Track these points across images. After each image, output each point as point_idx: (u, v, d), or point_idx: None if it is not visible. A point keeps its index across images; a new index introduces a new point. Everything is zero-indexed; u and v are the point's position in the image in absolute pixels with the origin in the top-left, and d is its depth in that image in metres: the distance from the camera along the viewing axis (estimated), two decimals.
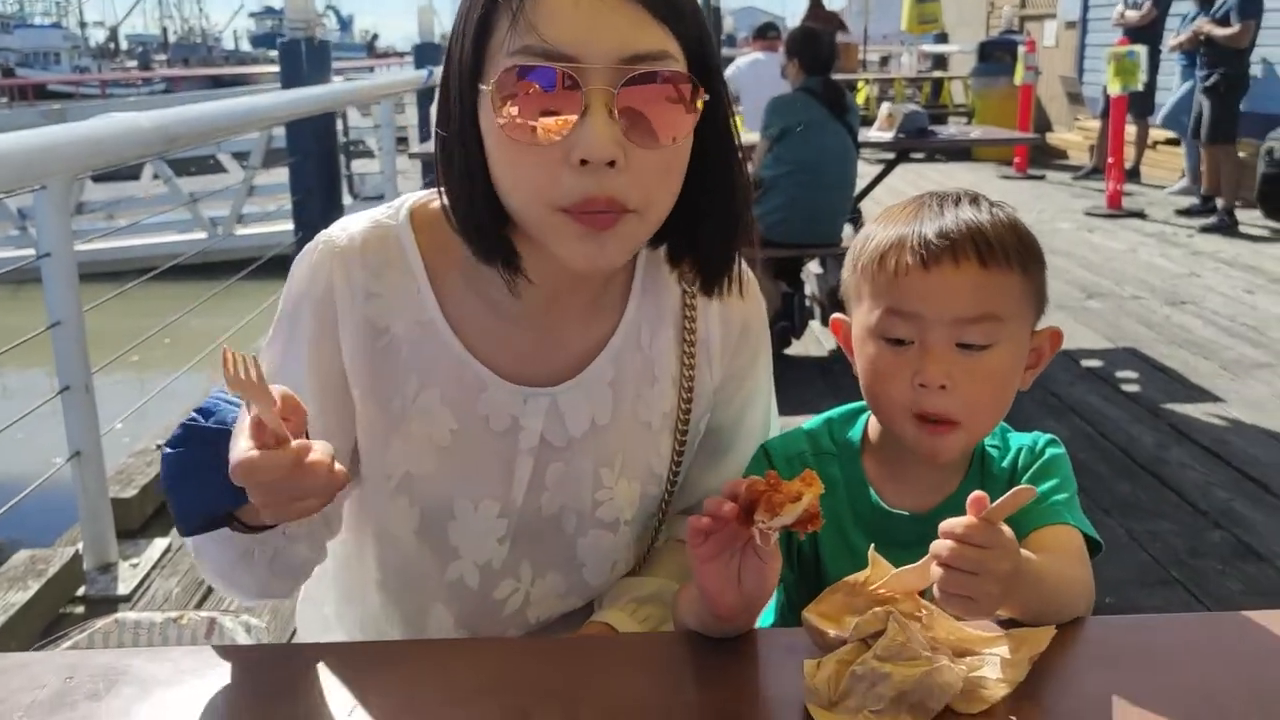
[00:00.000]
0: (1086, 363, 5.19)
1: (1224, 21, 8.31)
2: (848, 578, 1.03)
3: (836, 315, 1.23)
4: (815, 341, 5.44)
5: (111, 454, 3.50)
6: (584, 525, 1.21)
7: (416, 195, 1.18)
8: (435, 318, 1.14)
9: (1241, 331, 5.69)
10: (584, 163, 0.96)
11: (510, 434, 1.16)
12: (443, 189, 1.08)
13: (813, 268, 5.59)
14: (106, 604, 2.99)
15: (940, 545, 0.94)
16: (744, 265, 1.22)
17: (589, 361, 1.18)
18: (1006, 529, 0.94)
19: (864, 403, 1.23)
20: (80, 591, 3.03)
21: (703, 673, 0.98)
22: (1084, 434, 4.27)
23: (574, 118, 0.96)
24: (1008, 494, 0.94)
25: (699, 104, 1.01)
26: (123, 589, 3.05)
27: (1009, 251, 1.11)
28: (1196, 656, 0.98)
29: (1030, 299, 1.15)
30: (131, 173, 10.56)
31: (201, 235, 8.97)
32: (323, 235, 1.14)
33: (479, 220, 1.05)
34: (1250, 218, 8.80)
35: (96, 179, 9.61)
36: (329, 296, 1.11)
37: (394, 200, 1.19)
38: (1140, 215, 9.08)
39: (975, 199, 1.16)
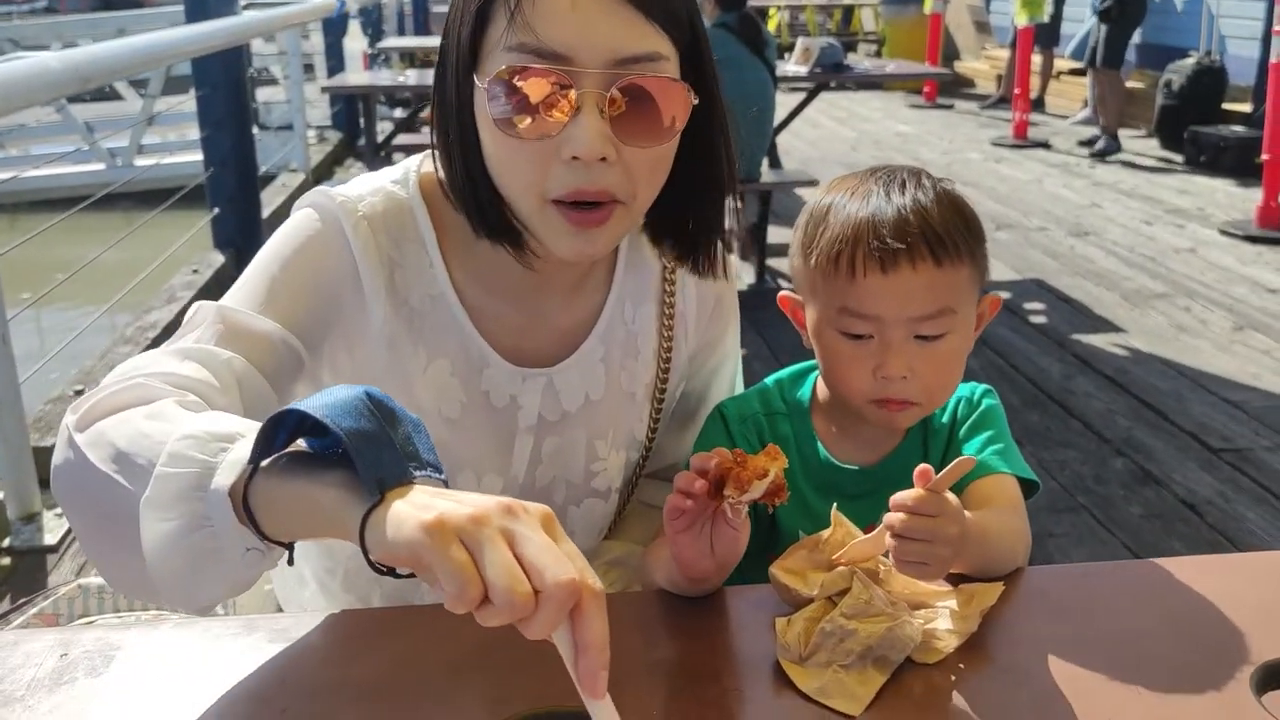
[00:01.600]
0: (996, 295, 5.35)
1: None
2: (811, 536, 1.09)
3: (784, 292, 1.27)
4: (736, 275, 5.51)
5: (28, 400, 3.44)
6: (576, 495, 1.26)
7: (420, 163, 1.18)
8: (446, 291, 1.16)
9: (1140, 262, 5.92)
10: (575, 158, 0.99)
11: (509, 411, 1.19)
12: (441, 169, 1.11)
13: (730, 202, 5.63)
14: (33, 554, 2.96)
15: (893, 517, 1.00)
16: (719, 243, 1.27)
17: (578, 338, 1.22)
18: (952, 496, 1.02)
19: (811, 363, 1.29)
20: (5, 543, 2.99)
21: (677, 630, 1.04)
22: (995, 366, 4.43)
23: (566, 116, 0.99)
24: (950, 465, 1.00)
25: (690, 103, 1.04)
26: (49, 539, 3.02)
27: (959, 242, 1.15)
28: (1129, 603, 1.07)
29: (976, 279, 1.20)
30: None
31: (100, 166, 8.67)
32: (333, 195, 1.12)
33: (480, 200, 1.08)
34: (1148, 147, 9.08)
35: None
36: (362, 256, 1.10)
37: (395, 168, 1.19)
38: (1045, 145, 9.30)
39: (919, 179, 1.19)
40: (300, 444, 0.82)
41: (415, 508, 0.72)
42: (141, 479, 0.83)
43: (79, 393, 3.77)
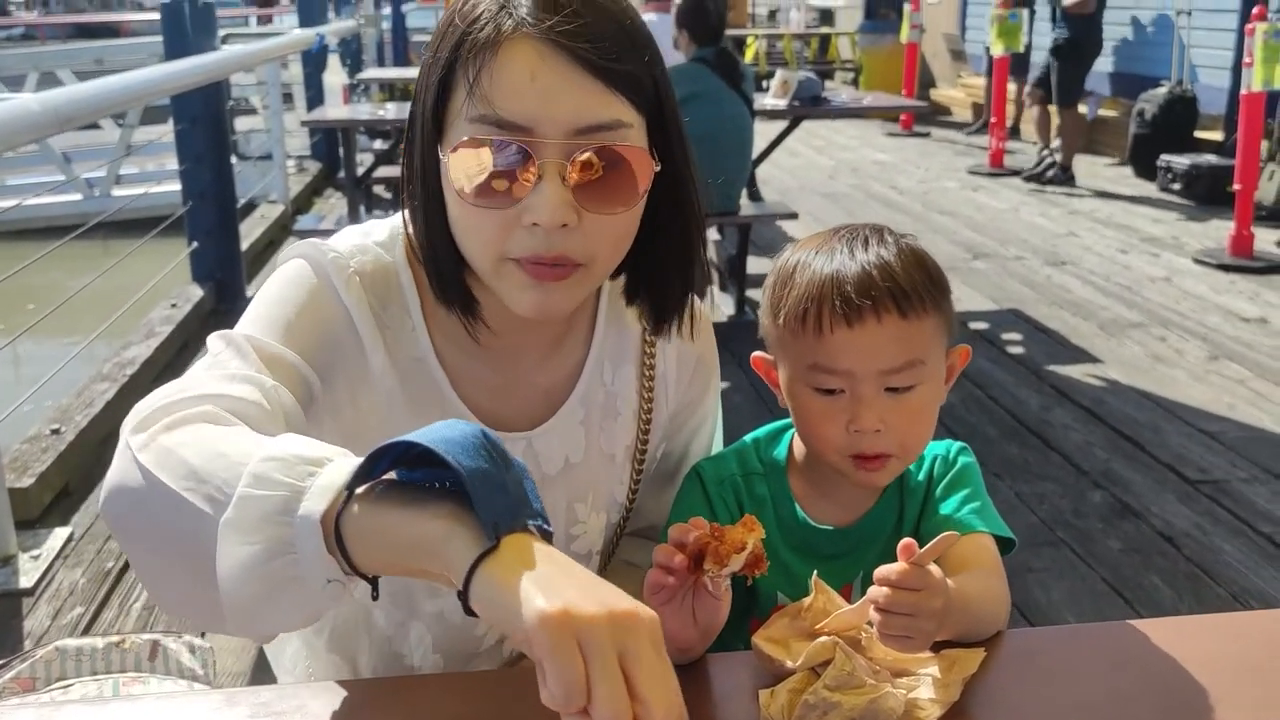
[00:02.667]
0: (974, 324, 5.40)
1: None
2: (793, 604, 1.10)
3: (756, 354, 1.28)
4: (714, 309, 5.53)
5: (1, 438, 3.41)
6: None
7: (401, 223, 1.18)
8: (427, 355, 1.16)
9: (1116, 291, 5.97)
10: (536, 225, 1.00)
11: None
12: (409, 232, 1.12)
13: (711, 234, 5.67)
14: (9, 599, 2.93)
15: (876, 592, 1.01)
16: (697, 304, 1.28)
17: (557, 399, 1.22)
18: (935, 568, 1.02)
19: (787, 420, 1.30)
20: None
21: None
22: (974, 397, 4.46)
23: (529, 185, 0.99)
24: (934, 541, 1.01)
25: (653, 170, 1.04)
26: (25, 582, 2.99)
27: (924, 295, 1.17)
28: (1113, 667, 1.07)
29: (943, 330, 1.22)
30: None
31: (76, 197, 8.63)
32: (323, 249, 1.11)
33: (440, 264, 1.09)
34: (1121, 175, 9.18)
35: None
36: (357, 312, 1.10)
37: (382, 226, 1.19)
38: (1020, 173, 9.38)
39: (882, 235, 1.21)
40: (392, 475, 0.81)
41: (538, 586, 0.73)
42: (218, 500, 0.81)
43: (56, 431, 3.74)
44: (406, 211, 1.12)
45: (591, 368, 1.24)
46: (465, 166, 1.00)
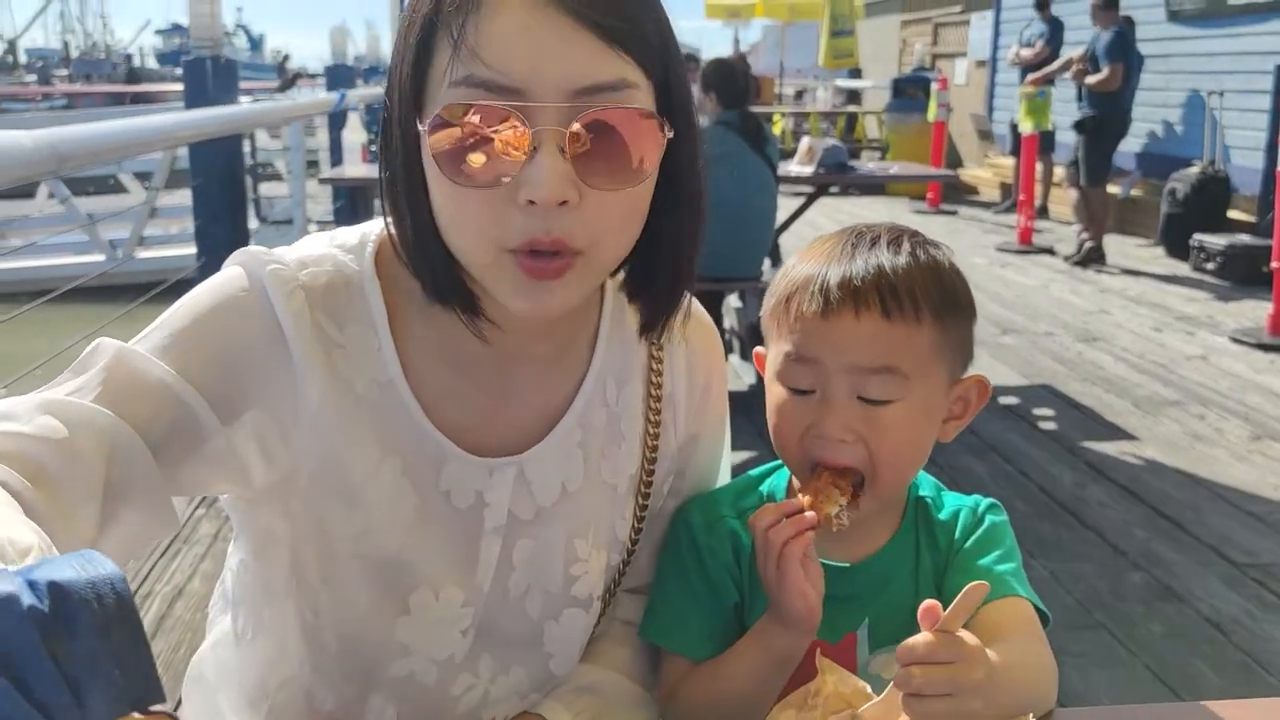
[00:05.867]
0: (1004, 399, 5.21)
1: (1095, 65, 8.44)
2: (799, 690, 0.94)
3: (759, 349, 1.16)
4: (735, 376, 5.38)
5: None
6: (555, 607, 1.08)
7: (379, 230, 1.03)
8: (396, 378, 1.00)
9: (1151, 369, 5.79)
10: (532, 203, 0.86)
11: (474, 511, 1.03)
12: (390, 224, 0.97)
13: (732, 301, 5.54)
14: None
15: (904, 674, 0.85)
16: (706, 319, 1.16)
17: (552, 420, 1.07)
18: (968, 635, 0.86)
19: None
20: None
21: None
22: (1004, 473, 4.26)
23: (521, 157, 0.85)
24: (959, 596, 0.85)
25: (663, 140, 0.91)
26: None
27: (919, 302, 1.04)
28: None
29: (944, 352, 1.07)
30: (26, 191, 10.15)
31: (100, 258, 8.63)
32: (264, 258, 0.97)
33: (430, 259, 0.94)
34: (1153, 255, 9.04)
35: None
36: (294, 330, 0.95)
37: (353, 231, 1.05)
38: (1050, 251, 9.26)
39: (899, 238, 1.09)
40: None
41: None
42: None
43: None
44: (388, 203, 0.96)
45: (592, 385, 1.08)
46: (448, 139, 0.86)
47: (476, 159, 0.86)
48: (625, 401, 1.11)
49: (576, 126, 0.85)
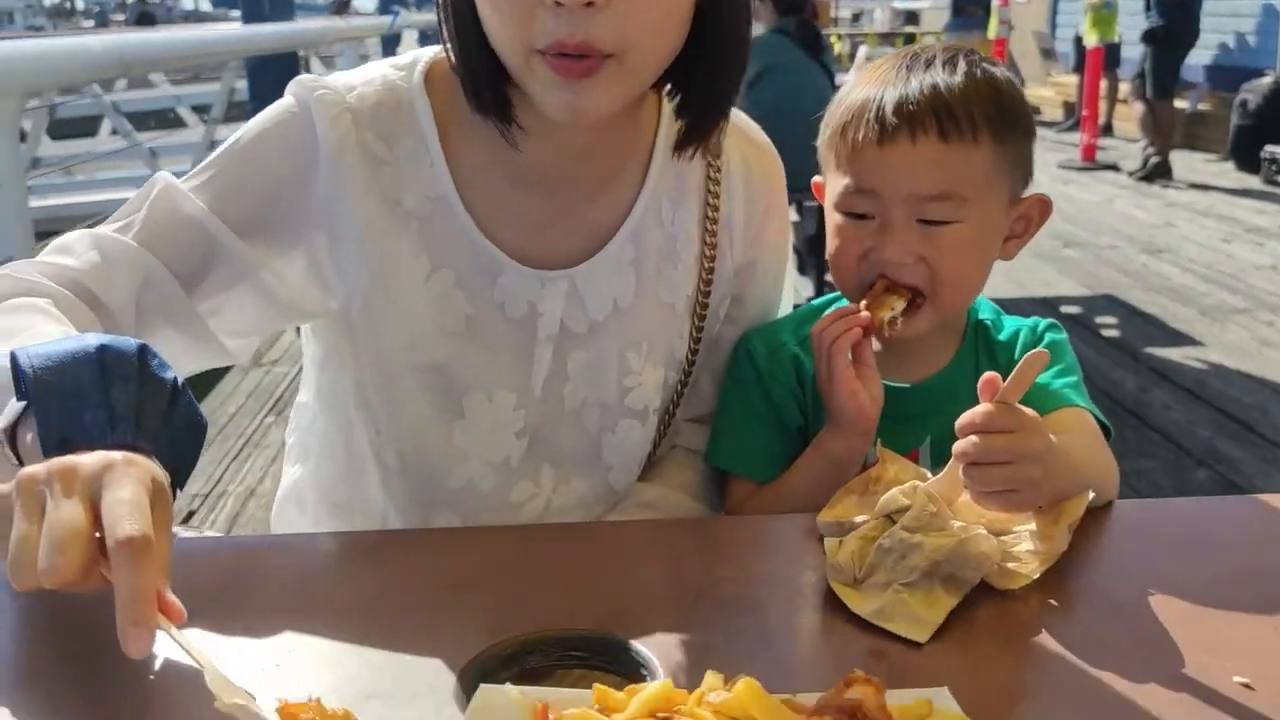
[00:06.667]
0: (1066, 309, 5.14)
1: None
2: (859, 476, 0.96)
3: (816, 178, 1.16)
4: (792, 290, 5.36)
5: None
6: (610, 418, 1.12)
7: (432, 51, 1.07)
8: (448, 193, 1.03)
9: (1219, 279, 5.66)
10: (559, 3, 0.86)
11: (528, 321, 1.07)
12: (444, 34, 0.99)
13: (789, 214, 5.50)
14: None
15: (963, 444, 0.86)
16: (768, 144, 1.17)
17: (606, 238, 1.09)
18: (1026, 408, 0.87)
19: None
20: None
21: (715, 558, 0.89)
22: None
23: None
24: (1019, 365, 0.86)
25: None
26: None
27: (976, 122, 1.03)
28: (1239, 538, 0.91)
29: (1004, 171, 1.07)
30: (88, 129, 10.30)
31: None
32: (312, 85, 1.02)
33: (473, 67, 0.96)
34: (1223, 170, 8.80)
35: (54, 135, 9.36)
36: (336, 153, 1.00)
37: (406, 54, 1.08)
38: (1114, 168, 9.04)
39: (955, 58, 1.08)
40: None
41: None
42: None
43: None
44: (441, 12, 0.99)
45: (645, 204, 1.10)
46: None
47: None
48: (681, 222, 1.12)
49: None
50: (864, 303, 1.05)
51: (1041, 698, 0.71)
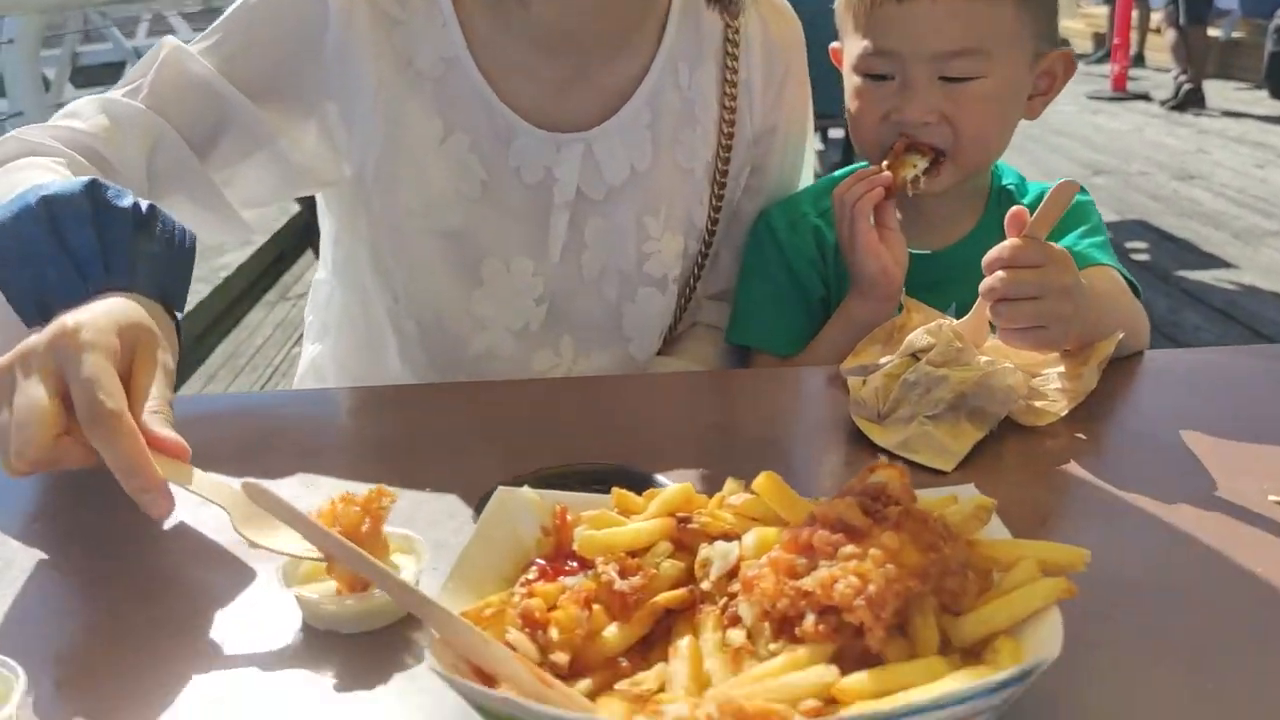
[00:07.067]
0: None
1: None
2: (883, 324, 0.94)
3: (834, 44, 1.13)
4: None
5: None
6: (630, 287, 1.11)
7: None
8: (461, 55, 1.02)
9: (1251, 203, 5.56)
10: None
11: (543, 187, 1.05)
12: None
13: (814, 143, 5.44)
14: None
15: (990, 280, 0.84)
16: (789, 10, 1.15)
17: (622, 101, 1.07)
18: (1054, 245, 0.85)
19: None
20: None
21: (736, 402, 0.89)
22: None
23: None
24: (1047, 195, 0.83)
25: None
26: None
27: None
28: (1275, 386, 0.89)
29: (1027, 25, 1.04)
30: (112, 76, 10.31)
31: None
32: None
33: None
34: (1257, 98, 8.61)
35: (77, 84, 9.36)
36: (346, 12, 0.98)
37: None
38: (1145, 98, 8.87)
39: None
40: None
41: None
42: None
43: None
44: None
45: (662, 66, 1.08)
46: None
47: None
48: (698, 85, 1.10)
49: None
50: (885, 163, 1.03)
51: (1071, 518, 0.70)
